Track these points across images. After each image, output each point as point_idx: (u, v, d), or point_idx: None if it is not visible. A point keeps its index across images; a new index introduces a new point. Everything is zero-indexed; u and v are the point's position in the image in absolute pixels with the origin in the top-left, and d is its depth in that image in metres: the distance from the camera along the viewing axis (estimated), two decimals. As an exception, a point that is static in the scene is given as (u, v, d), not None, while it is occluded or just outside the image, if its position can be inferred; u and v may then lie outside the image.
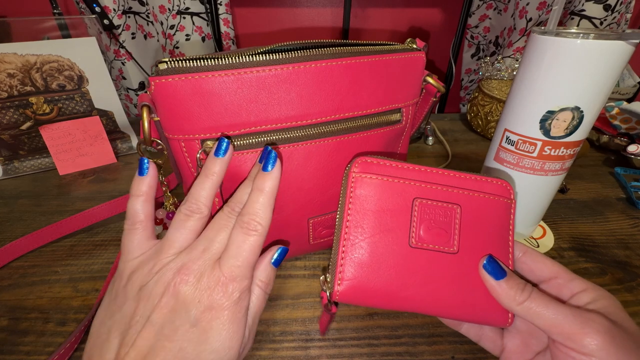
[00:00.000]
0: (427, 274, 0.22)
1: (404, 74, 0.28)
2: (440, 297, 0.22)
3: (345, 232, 0.22)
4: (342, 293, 0.21)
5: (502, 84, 0.61)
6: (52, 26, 0.50)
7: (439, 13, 0.96)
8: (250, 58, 0.22)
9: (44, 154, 0.51)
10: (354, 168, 0.23)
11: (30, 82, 0.48)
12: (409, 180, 0.23)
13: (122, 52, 0.80)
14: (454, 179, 0.24)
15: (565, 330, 0.19)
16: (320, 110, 0.25)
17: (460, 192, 0.23)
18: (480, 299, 0.22)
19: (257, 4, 0.92)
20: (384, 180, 0.23)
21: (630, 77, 0.72)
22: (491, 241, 0.23)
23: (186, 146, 0.24)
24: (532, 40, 0.28)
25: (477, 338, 0.25)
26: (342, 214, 0.23)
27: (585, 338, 0.18)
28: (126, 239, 0.22)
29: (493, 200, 0.24)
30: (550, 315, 0.19)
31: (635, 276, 0.34)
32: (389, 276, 0.22)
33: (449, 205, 0.23)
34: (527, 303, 0.20)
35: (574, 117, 0.28)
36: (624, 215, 0.42)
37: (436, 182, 0.23)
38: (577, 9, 0.73)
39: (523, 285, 0.21)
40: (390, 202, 0.22)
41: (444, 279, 0.22)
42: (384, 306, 0.22)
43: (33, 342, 0.28)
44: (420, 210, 0.23)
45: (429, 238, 0.22)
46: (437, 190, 0.23)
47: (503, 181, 0.24)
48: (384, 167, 0.23)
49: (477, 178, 0.24)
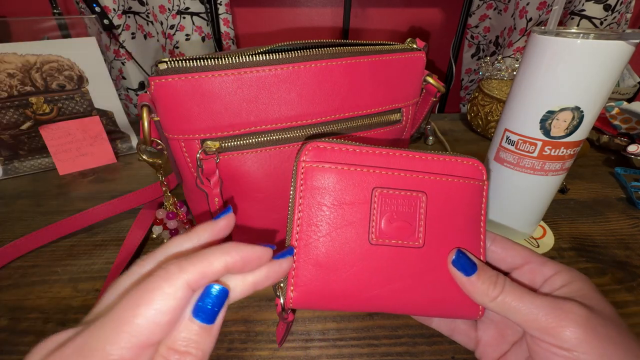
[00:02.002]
0: (390, 272, 0.20)
1: (404, 73, 0.28)
2: (405, 296, 0.20)
3: (296, 231, 0.20)
4: (297, 299, 0.19)
5: (502, 84, 0.61)
6: (52, 26, 0.50)
7: (439, 13, 0.96)
8: (250, 58, 0.22)
9: (44, 154, 0.51)
10: (303, 156, 0.20)
11: (30, 82, 0.48)
12: (367, 167, 0.20)
13: (122, 52, 0.80)
14: (420, 161, 0.21)
15: (543, 325, 0.17)
16: (320, 110, 0.25)
17: (425, 177, 0.21)
18: (449, 293, 0.21)
19: (257, 4, 0.92)
20: (339, 169, 0.20)
21: (630, 77, 0.72)
22: (460, 231, 0.21)
23: (186, 146, 0.24)
24: (532, 40, 0.28)
25: (449, 332, 0.24)
26: (292, 211, 0.20)
27: (564, 331, 0.17)
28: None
29: (462, 184, 0.21)
30: (525, 309, 0.18)
31: (635, 276, 0.34)
32: (349, 277, 0.20)
33: (412, 194, 0.20)
34: (501, 297, 0.19)
35: (574, 117, 0.28)
36: (624, 215, 0.42)
37: (399, 167, 0.21)
38: (577, 9, 0.73)
39: (495, 278, 0.19)
40: (346, 193, 0.20)
41: (408, 275, 0.20)
42: (345, 309, 0.20)
43: (33, 342, 0.27)
44: (380, 202, 0.20)
45: (390, 232, 0.20)
46: (399, 176, 0.20)
47: (474, 160, 0.22)
48: (339, 152, 0.20)
49: (446, 159, 0.21)
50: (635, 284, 0.33)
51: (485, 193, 0.22)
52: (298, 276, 0.20)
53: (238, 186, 0.26)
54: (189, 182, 0.27)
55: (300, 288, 0.19)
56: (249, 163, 0.25)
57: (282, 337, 0.24)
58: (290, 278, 0.20)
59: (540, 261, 0.21)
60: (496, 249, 0.22)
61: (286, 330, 0.23)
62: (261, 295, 0.32)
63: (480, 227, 0.22)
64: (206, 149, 0.24)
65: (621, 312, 0.30)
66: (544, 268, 0.20)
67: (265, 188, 0.27)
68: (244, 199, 0.27)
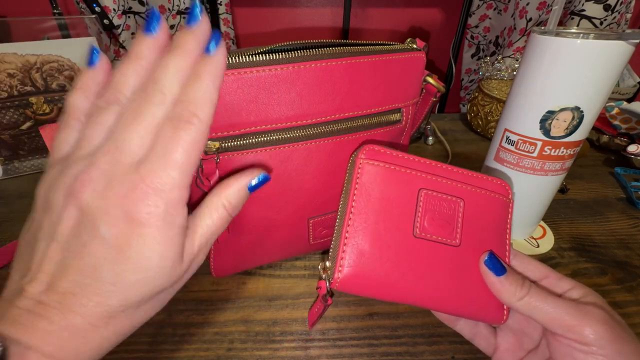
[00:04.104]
0: (429, 264, 0.22)
1: (404, 74, 0.28)
2: (439, 290, 0.22)
3: (349, 217, 0.22)
4: (342, 281, 0.21)
5: (502, 84, 0.61)
6: (52, 26, 0.50)
7: (439, 13, 0.96)
8: (250, 58, 0.22)
9: (44, 154, 0.51)
10: (361, 155, 0.23)
11: (30, 82, 0.48)
12: (415, 170, 0.23)
13: (122, 52, 0.80)
14: (457, 174, 0.24)
15: (566, 323, 0.19)
16: (320, 110, 0.25)
17: (463, 186, 0.24)
18: (478, 295, 0.22)
19: (257, 4, 0.92)
20: (391, 168, 0.23)
21: (630, 77, 0.72)
22: (491, 238, 0.24)
23: (186, 146, 0.24)
24: (532, 40, 0.28)
25: (471, 336, 0.25)
26: (347, 200, 0.22)
27: (585, 328, 0.19)
28: (56, 135, 0.19)
29: (493, 197, 0.24)
30: (549, 309, 0.20)
31: (635, 276, 0.34)
32: (390, 265, 0.21)
33: (453, 199, 0.23)
34: (527, 298, 0.20)
35: (574, 117, 0.28)
36: (624, 215, 0.42)
37: (441, 174, 0.24)
38: (577, 9, 0.73)
39: (522, 281, 0.21)
40: (396, 190, 0.22)
41: (444, 271, 0.22)
42: (382, 297, 0.22)
43: (33, 342, 0.27)
44: (425, 201, 0.23)
45: (433, 229, 0.22)
46: (442, 182, 0.23)
47: (502, 181, 0.25)
48: (391, 156, 0.23)
49: (478, 176, 0.25)
50: (635, 284, 0.33)
51: (511, 210, 0.25)
52: (346, 259, 0.21)
53: (238, 186, 0.26)
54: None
55: (348, 270, 0.21)
56: (249, 163, 0.25)
57: (316, 320, 0.25)
58: (339, 260, 0.21)
59: (557, 277, 0.22)
60: (516, 263, 0.24)
61: (322, 313, 0.24)
62: (261, 295, 0.32)
63: (506, 238, 0.24)
64: (206, 149, 0.24)
65: (621, 312, 0.30)
66: (561, 282, 0.22)
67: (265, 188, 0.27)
68: (244, 199, 0.27)
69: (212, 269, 0.32)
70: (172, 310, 0.30)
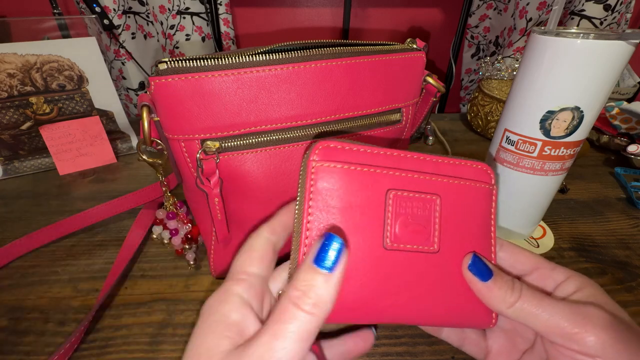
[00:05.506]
0: (406, 279, 0.19)
1: (404, 74, 0.28)
2: (421, 303, 0.19)
3: (305, 236, 0.18)
4: None
5: (502, 84, 0.61)
6: (52, 26, 0.50)
7: (439, 13, 0.96)
8: (250, 58, 0.22)
9: (44, 154, 0.51)
10: (313, 155, 0.18)
11: (30, 82, 0.48)
12: (380, 167, 0.19)
13: (122, 52, 0.80)
14: (431, 164, 0.20)
15: (566, 331, 0.17)
16: (320, 110, 0.25)
17: (438, 179, 0.20)
18: (463, 302, 0.20)
19: (257, 4, 0.92)
20: (352, 169, 0.18)
21: (630, 77, 0.72)
22: (473, 235, 0.20)
23: (186, 146, 0.24)
24: (532, 40, 0.28)
25: (459, 343, 0.23)
26: (301, 214, 0.18)
27: (588, 337, 0.16)
28: None
29: (473, 186, 0.21)
30: (545, 315, 0.17)
31: (635, 276, 0.34)
32: (362, 285, 0.18)
33: (427, 196, 0.19)
34: (519, 304, 0.18)
35: (574, 117, 0.28)
36: (624, 215, 0.42)
37: (412, 168, 0.20)
38: (577, 9, 0.73)
39: (512, 284, 0.19)
40: (360, 195, 0.18)
41: (425, 282, 0.19)
42: (360, 321, 0.19)
43: (33, 342, 0.27)
44: (395, 204, 0.19)
45: (406, 236, 0.19)
46: (412, 178, 0.19)
47: (483, 164, 0.21)
48: (351, 152, 0.19)
49: (455, 162, 0.21)
50: (635, 284, 0.33)
51: (495, 197, 0.21)
52: None
53: (238, 186, 0.26)
54: (189, 182, 0.27)
55: None
56: (249, 163, 0.25)
57: None
58: None
59: (549, 267, 0.20)
60: (504, 255, 0.22)
61: None
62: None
63: (490, 232, 0.21)
64: (206, 149, 0.24)
65: (621, 312, 0.30)
66: (554, 273, 0.20)
67: (265, 188, 0.27)
68: (244, 199, 0.27)
69: (212, 269, 0.32)
70: (172, 310, 0.30)
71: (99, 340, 0.28)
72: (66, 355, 0.26)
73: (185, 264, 0.35)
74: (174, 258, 0.36)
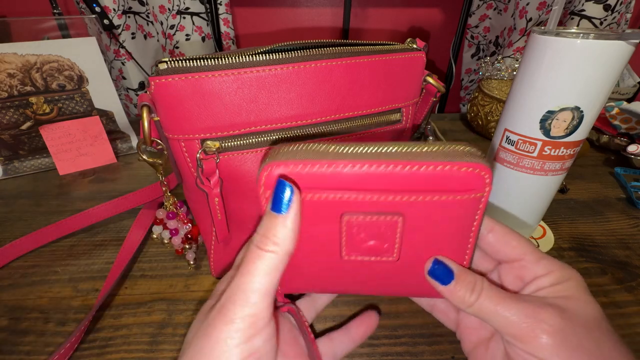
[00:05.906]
0: (363, 277, 0.21)
1: (404, 73, 0.28)
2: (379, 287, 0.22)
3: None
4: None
5: (502, 84, 0.61)
6: (52, 26, 0.50)
7: (439, 13, 0.96)
8: (250, 58, 0.22)
9: (44, 154, 0.51)
10: (260, 186, 0.17)
11: (30, 82, 0.48)
12: (334, 190, 0.17)
13: (122, 52, 0.80)
14: (401, 178, 0.17)
15: (517, 332, 0.17)
16: (320, 110, 0.25)
17: (404, 198, 0.17)
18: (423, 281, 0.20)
19: (257, 4, 0.92)
20: (306, 199, 0.18)
21: (630, 77, 0.72)
22: (444, 241, 0.20)
23: (186, 146, 0.24)
24: (532, 40, 0.28)
25: (429, 309, 0.25)
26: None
27: (537, 340, 0.17)
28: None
29: (451, 200, 0.17)
30: (502, 314, 0.18)
31: (635, 276, 0.34)
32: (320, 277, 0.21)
33: (387, 217, 0.18)
34: (478, 303, 0.18)
35: (574, 117, 0.28)
36: (624, 215, 0.42)
37: (375, 187, 0.17)
38: (577, 9, 0.73)
39: (473, 285, 0.19)
40: (313, 224, 0.19)
41: (382, 278, 0.21)
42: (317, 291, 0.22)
43: (33, 342, 0.27)
44: (349, 226, 0.18)
45: (363, 250, 0.19)
46: (371, 200, 0.17)
47: (479, 165, 0.16)
48: (300, 176, 0.17)
49: (437, 167, 0.16)
50: (635, 284, 0.33)
51: (485, 199, 0.18)
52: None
53: (238, 186, 0.26)
54: (189, 182, 0.27)
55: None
56: (249, 163, 0.25)
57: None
58: None
59: (534, 259, 0.20)
60: (492, 239, 0.21)
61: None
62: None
63: (469, 236, 0.20)
64: (206, 149, 0.24)
65: (621, 312, 0.30)
66: (537, 266, 0.20)
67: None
68: (244, 198, 0.27)
69: (212, 268, 0.32)
70: (172, 310, 0.30)
71: (99, 340, 0.28)
72: (66, 355, 0.26)
73: (185, 263, 0.35)
74: (174, 258, 0.36)
